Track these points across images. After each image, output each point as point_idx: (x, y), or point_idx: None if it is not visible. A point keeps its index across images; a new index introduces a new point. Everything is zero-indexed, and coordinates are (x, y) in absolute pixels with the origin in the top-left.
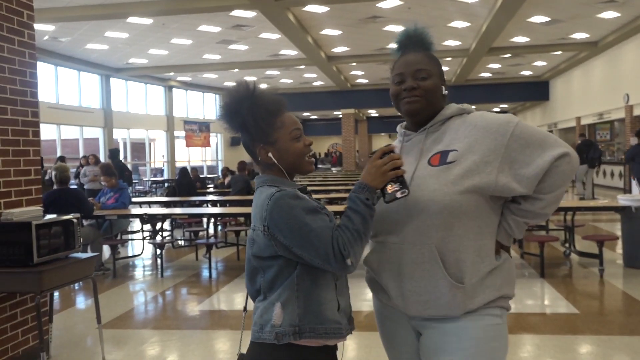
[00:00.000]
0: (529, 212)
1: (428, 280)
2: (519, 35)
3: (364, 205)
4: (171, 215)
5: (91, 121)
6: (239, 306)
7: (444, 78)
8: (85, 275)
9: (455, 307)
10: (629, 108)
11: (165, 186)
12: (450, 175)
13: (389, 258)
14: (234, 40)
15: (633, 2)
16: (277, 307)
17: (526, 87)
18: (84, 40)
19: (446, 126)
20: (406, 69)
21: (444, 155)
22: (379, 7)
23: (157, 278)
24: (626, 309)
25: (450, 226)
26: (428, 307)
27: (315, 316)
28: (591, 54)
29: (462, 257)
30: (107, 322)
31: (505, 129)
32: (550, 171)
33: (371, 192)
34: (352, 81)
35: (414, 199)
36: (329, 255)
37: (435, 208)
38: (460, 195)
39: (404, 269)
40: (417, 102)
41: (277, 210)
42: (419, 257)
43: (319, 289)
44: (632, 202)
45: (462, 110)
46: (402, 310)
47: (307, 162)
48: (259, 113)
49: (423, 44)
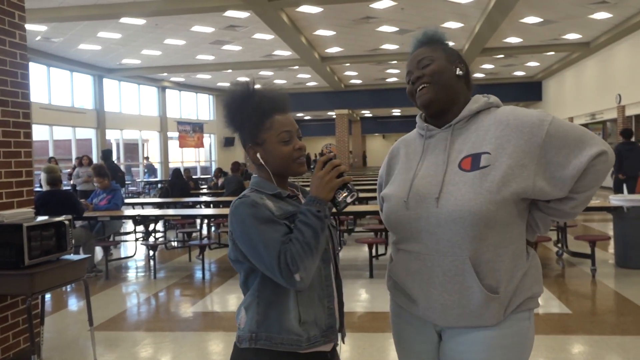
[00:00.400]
0: (558, 211)
1: (461, 293)
2: (512, 36)
3: (315, 217)
4: (164, 217)
5: (84, 122)
6: (233, 307)
7: (458, 61)
8: (77, 277)
9: (489, 318)
10: (621, 108)
11: (158, 187)
12: (486, 183)
13: (417, 269)
14: (228, 41)
15: (625, 3)
16: (242, 311)
17: (519, 88)
18: (77, 40)
19: (474, 123)
20: (411, 65)
21: (475, 159)
22: (372, 7)
23: (150, 279)
24: (618, 309)
25: (484, 237)
26: (460, 319)
27: (273, 325)
28: (583, 54)
29: (496, 267)
30: (100, 324)
31: (539, 128)
32: (587, 171)
33: (322, 204)
34: (345, 82)
35: (446, 208)
36: (274, 268)
37: (471, 220)
38: (497, 205)
39: (435, 280)
40: (427, 91)
41: (234, 218)
42: (451, 269)
43: (279, 297)
44: (624, 202)
45: (489, 104)
46: (430, 321)
47: (297, 165)
48: (248, 113)
49: (432, 38)
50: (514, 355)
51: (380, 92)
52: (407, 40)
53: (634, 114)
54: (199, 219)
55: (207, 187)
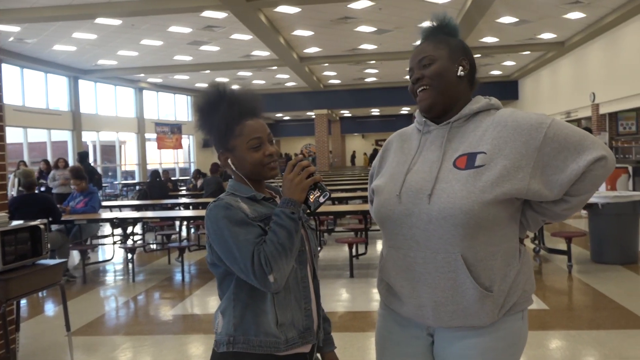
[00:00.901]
0: (550, 211)
1: (455, 290)
2: (488, 36)
3: (289, 219)
4: (143, 219)
5: (59, 124)
6: (213, 310)
7: (462, 58)
8: (53, 282)
9: (483, 317)
10: (595, 106)
11: (136, 189)
12: (479, 182)
13: (408, 267)
14: (205, 42)
15: (598, 3)
16: (219, 315)
17: (496, 87)
18: (51, 41)
19: (472, 122)
20: (413, 62)
21: (471, 158)
22: (350, 7)
23: (129, 283)
24: (594, 304)
25: (476, 235)
26: (454, 317)
27: (250, 327)
28: (558, 53)
29: (489, 265)
30: (77, 329)
31: (538, 131)
32: (584, 175)
33: (296, 206)
34: (324, 82)
35: (437, 206)
36: (248, 270)
37: (462, 218)
38: (489, 205)
39: (427, 278)
40: (427, 96)
41: (209, 220)
42: (443, 265)
43: (255, 300)
44: (598, 199)
45: (490, 106)
46: (424, 322)
47: (268, 169)
48: (218, 119)
49: (442, 30)
50: (507, 357)
51: (359, 92)
52: (385, 40)
53: (608, 112)
54: (178, 220)
55: (186, 188)
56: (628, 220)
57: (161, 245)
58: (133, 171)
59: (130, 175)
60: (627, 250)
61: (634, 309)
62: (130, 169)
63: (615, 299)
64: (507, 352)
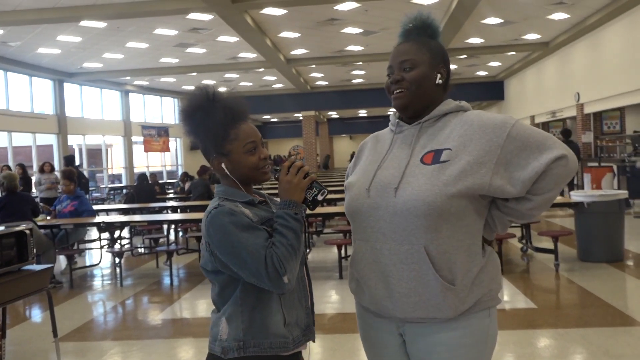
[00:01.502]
0: (515, 211)
1: (418, 281)
2: (474, 37)
3: (294, 220)
4: (130, 223)
5: (44, 127)
6: (202, 313)
7: (442, 65)
8: (39, 287)
9: (446, 309)
10: (580, 106)
11: (123, 193)
12: (442, 176)
13: (375, 258)
14: (192, 44)
15: (581, 4)
16: (223, 322)
17: (482, 87)
18: (35, 44)
19: (442, 122)
20: (394, 60)
21: (437, 154)
22: (336, 9)
23: (117, 287)
24: (581, 302)
25: (439, 228)
26: (417, 309)
27: (259, 330)
28: (543, 54)
29: (452, 259)
30: (64, 335)
31: (501, 130)
32: (545, 173)
33: (297, 206)
34: (311, 83)
35: (402, 198)
36: (261, 274)
37: (424, 209)
38: (451, 198)
39: (392, 269)
40: (403, 96)
41: (212, 227)
42: (407, 257)
43: (263, 303)
44: (584, 197)
45: (459, 108)
46: (389, 313)
47: (262, 174)
48: (212, 124)
49: (425, 30)
50: (476, 353)
51: (346, 93)
52: (371, 41)
53: (592, 111)
54: (166, 224)
55: (174, 192)
56: (614, 219)
57: (149, 249)
58: (120, 174)
59: (117, 179)
60: (613, 248)
61: (620, 306)
62: (117, 172)
63: (602, 297)
64: (475, 348)
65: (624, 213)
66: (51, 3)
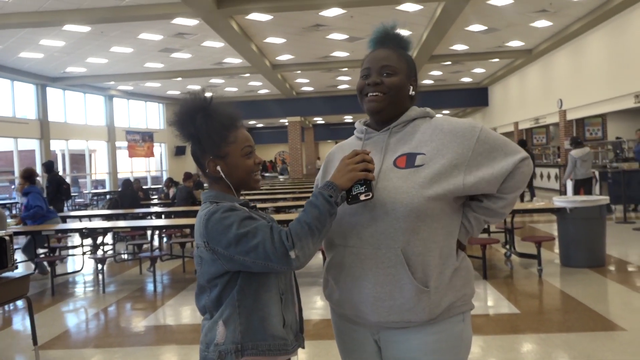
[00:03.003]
0: (490, 210)
1: (393, 285)
2: (458, 43)
3: (325, 200)
4: (113, 229)
5: (26, 132)
6: (186, 320)
7: (414, 79)
8: (19, 294)
9: (420, 312)
10: (562, 113)
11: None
12: (419, 179)
13: (350, 263)
14: (177, 49)
15: (564, 12)
16: (220, 325)
17: (467, 94)
18: (17, 48)
19: (411, 127)
20: (373, 63)
21: (410, 158)
22: (322, 15)
23: (99, 294)
24: (564, 307)
25: (416, 229)
26: (392, 312)
27: (257, 332)
28: (526, 61)
29: (427, 261)
30: (45, 343)
31: (471, 134)
32: (513, 173)
33: (336, 191)
34: (297, 89)
35: (379, 201)
36: (268, 252)
37: (403, 211)
38: (428, 199)
39: (368, 273)
40: (380, 99)
41: (212, 223)
42: (384, 261)
43: (261, 304)
44: (566, 203)
45: (426, 113)
46: (364, 318)
47: (255, 180)
48: (213, 125)
49: (400, 42)
50: (451, 358)
51: (332, 99)
52: (357, 47)
53: (575, 118)
54: (150, 230)
55: (158, 197)
56: (595, 224)
57: (132, 255)
58: (103, 180)
59: (101, 184)
60: (595, 254)
61: (601, 311)
62: (101, 177)
63: (584, 302)
64: (450, 353)
65: (605, 219)
66: (34, 7)
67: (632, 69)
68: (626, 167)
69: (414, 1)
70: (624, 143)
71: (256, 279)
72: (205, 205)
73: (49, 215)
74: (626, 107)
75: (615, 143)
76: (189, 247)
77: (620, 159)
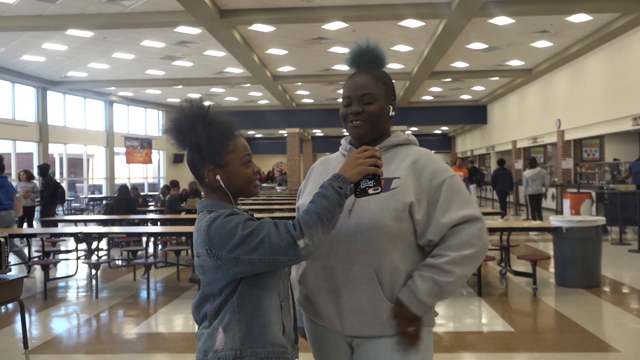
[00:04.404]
0: (432, 267)
1: (367, 301)
2: (458, 61)
3: (334, 191)
4: (108, 234)
5: (25, 135)
6: (179, 328)
7: (392, 97)
8: (12, 297)
9: (391, 328)
10: (560, 133)
11: (103, 203)
12: (392, 202)
13: (326, 277)
14: (179, 57)
15: (563, 33)
16: (220, 332)
17: (466, 111)
18: (20, 51)
19: (392, 153)
20: (353, 92)
21: (387, 182)
22: (324, 28)
23: (92, 300)
24: (558, 327)
25: (388, 251)
26: (365, 327)
27: (257, 339)
28: (526, 80)
29: (398, 280)
30: (35, 347)
31: (442, 176)
32: (459, 229)
33: (345, 182)
34: (297, 101)
35: (356, 221)
36: (274, 244)
37: (377, 232)
38: (400, 223)
39: (342, 288)
40: (362, 126)
41: (215, 228)
42: (357, 277)
43: (262, 311)
44: (563, 222)
45: (408, 141)
46: (337, 330)
47: (253, 187)
48: (213, 134)
49: (375, 61)
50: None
51: (331, 111)
52: None
53: (573, 138)
54: (145, 236)
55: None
56: (591, 245)
57: (127, 262)
58: (100, 185)
59: (98, 189)
60: (590, 274)
61: (596, 332)
62: (98, 182)
63: (579, 322)
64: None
65: (601, 239)
66: (38, 11)
67: (631, 92)
68: (622, 188)
69: (416, 17)
70: (621, 165)
71: (257, 285)
72: (203, 214)
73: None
74: (624, 129)
75: (613, 165)
76: (184, 254)
77: (617, 180)
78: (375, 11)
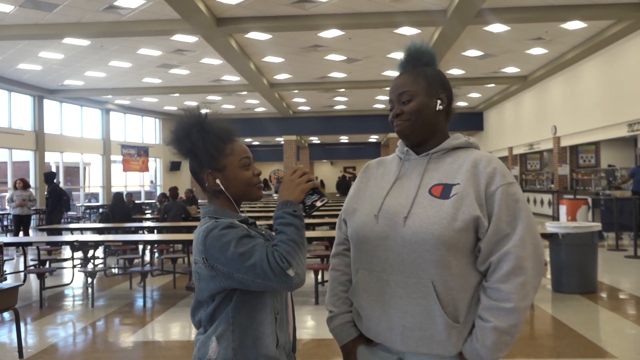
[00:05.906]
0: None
1: (424, 316)
2: (454, 68)
3: (293, 216)
4: (104, 242)
5: (21, 143)
6: (175, 336)
7: (439, 91)
8: (7, 306)
9: (450, 347)
10: (556, 139)
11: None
12: (451, 210)
13: (380, 290)
14: (175, 65)
15: (559, 40)
16: (213, 341)
17: (462, 118)
18: (16, 60)
19: (450, 156)
20: (392, 94)
21: (446, 188)
22: (320, 36)
23: (88, 308)
24: (554, 332)
25: (447, 264)
26: (421, 344)
27: (250, 351)
28: (521, 87)
29: (458, 296)
30: (30, 356)
31: (499, 181)
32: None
33: (295, 205)
34: (294, 108)
35: (411, 229)
36: (266, 271)
37: (433, 242)
38: (459, 232)
39: (397, 302)
40: (404, 126)
41: (211, 240)
42: (414, 291)
43: (256, 323)
44: (559, 229)
45: (469, 144)
46: (390, 345)
47: (256, 190)
48: (209, 138)
49: (420, 59)
50: None
51: (328, 119)
52: (354, 69)
53: (569, 144)
54: (141, 244)
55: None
56: (587, 250)
57: (123, 270)
58: (97, 193)
59: (94, 198)
60: (586, 280)
61: (592, 338)
62: (94, 191)
63: (575, 328)
64: None
65: (597, 245)
66: (35, 19)
67: (626, 98)
68: (618, 194)
69: (411, 25)
70: (617, 171)
71: (252, 297)
72: (204, 221)
73: None
74: (619, 135)
75: (608, 171)
76: (180, 262)
77: (612, 186)
78: (371, 19)
